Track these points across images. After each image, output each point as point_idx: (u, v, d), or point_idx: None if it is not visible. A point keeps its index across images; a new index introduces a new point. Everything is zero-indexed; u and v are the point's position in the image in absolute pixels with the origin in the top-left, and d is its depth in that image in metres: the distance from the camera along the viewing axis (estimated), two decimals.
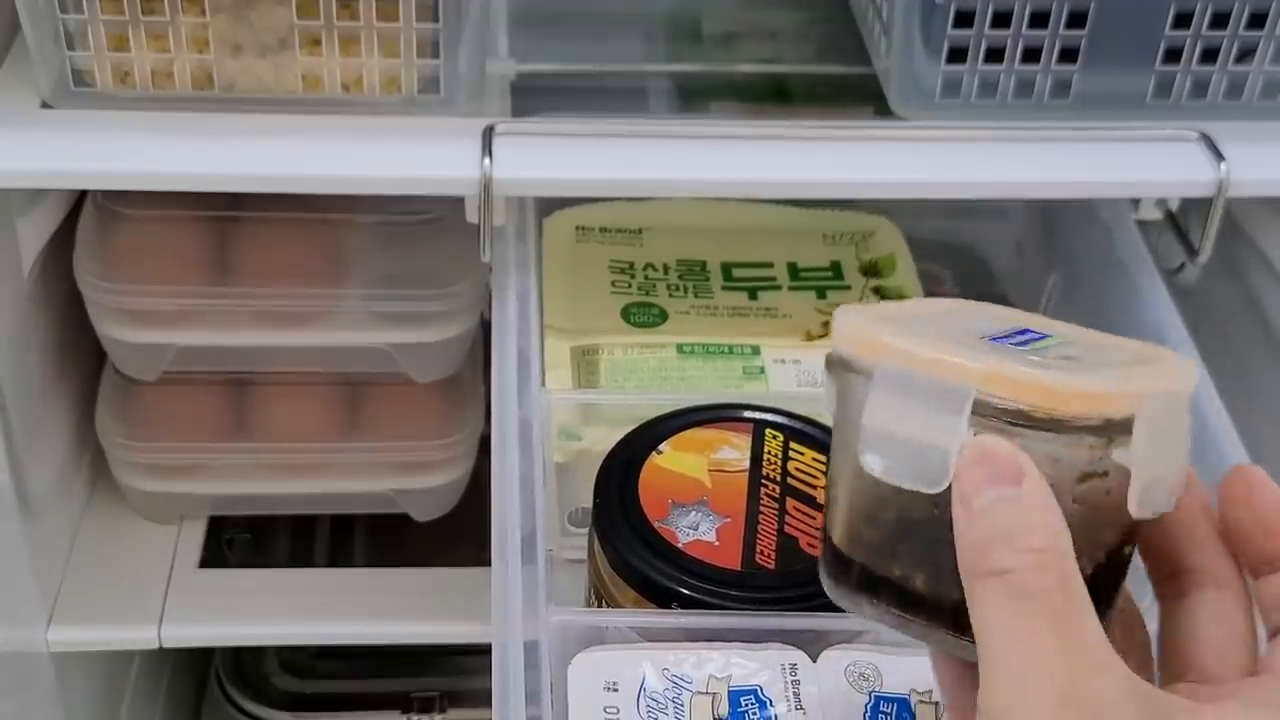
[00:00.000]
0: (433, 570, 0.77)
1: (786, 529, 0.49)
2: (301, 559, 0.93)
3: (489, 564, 0.80)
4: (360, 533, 0.95)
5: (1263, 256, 0.72)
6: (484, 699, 0.90)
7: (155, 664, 0.91)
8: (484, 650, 0.89)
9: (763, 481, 0.51)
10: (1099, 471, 0.37)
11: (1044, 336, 0.42)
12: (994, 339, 0.40)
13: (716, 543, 0.49)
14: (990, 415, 0.36)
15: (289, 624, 0.75)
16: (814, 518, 0.50)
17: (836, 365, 0.39)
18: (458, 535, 0.81)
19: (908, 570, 0.38)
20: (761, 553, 0.49)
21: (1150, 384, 0.38)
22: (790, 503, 0.51)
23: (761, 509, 0.50)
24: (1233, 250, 0.72)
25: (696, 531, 0.49)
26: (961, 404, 0.36)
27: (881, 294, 0.70)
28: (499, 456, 0.52)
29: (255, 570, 0.81)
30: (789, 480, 0.51)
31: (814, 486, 0.51)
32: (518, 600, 0.47)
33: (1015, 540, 0.34)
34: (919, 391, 0.37)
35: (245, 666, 0.93)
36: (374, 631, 0.76)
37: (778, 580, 0.48)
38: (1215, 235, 0.63)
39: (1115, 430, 0.36)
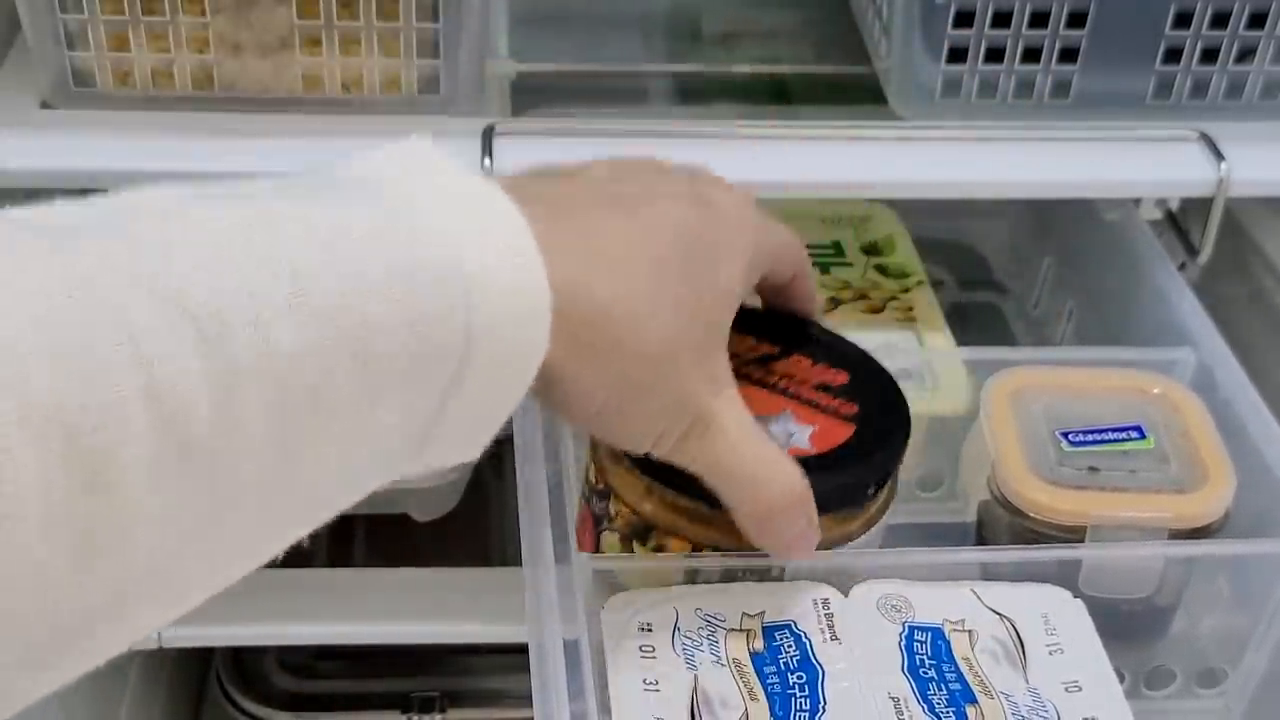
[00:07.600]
0: (433, 570, 0.77)
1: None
2: (302, 559, 0.92)
3: (489, 564, 0.80)
4: (360, 533, 0.95)
5: (1264, 256, 0.72)
6: (484, 699, 0.90)
7: (155, 664, 0.91)
8: (484, 650, 0.90)
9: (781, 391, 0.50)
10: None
11: (1141, 437, 0.55)
12: (1069, 433, 0.55)
13: None
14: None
15: (289, 624, 0.75)
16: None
17: None
18: (458, 535, 0.81)
19: None
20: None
21: (1116, 511, 0.52)
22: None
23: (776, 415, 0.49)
24: (1235, 249, 0.72)
25: None
26: None
27: (883, 271, 0.70)
28: (521, 451, 0.52)
29: (255, 570, 0.81)
30: (798, 390, 0.50)
31: (803, 384, 0.50)
32: (553, 598, 0.47)
33: None
34: None
35: (245, 666, 0.92)
36: (374, 631, 0.76)
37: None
38: (1215, 235, 0.63)
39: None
